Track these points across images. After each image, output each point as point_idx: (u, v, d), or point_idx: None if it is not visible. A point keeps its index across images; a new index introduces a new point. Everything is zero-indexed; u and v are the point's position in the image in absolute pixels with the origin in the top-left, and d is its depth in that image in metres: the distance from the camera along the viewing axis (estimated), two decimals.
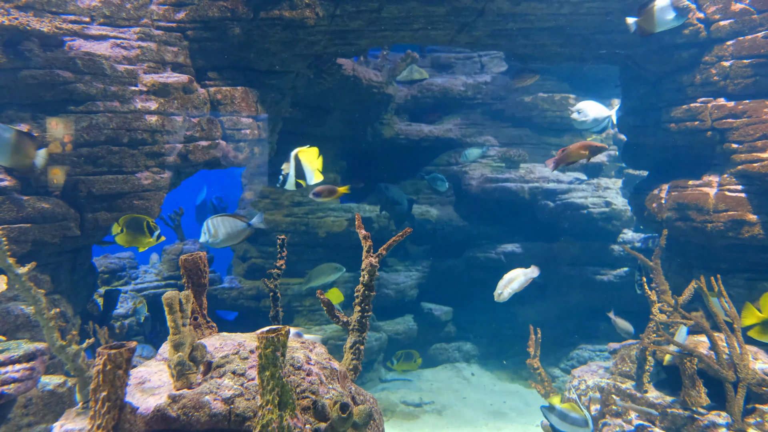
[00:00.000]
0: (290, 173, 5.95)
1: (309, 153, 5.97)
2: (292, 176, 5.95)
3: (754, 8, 7.38)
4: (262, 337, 2.76)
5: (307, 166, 5.96)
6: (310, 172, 5.98)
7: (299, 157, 5.94)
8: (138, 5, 7.10)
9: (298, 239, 11.56)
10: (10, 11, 6.03)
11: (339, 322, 4.40)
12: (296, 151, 5.94)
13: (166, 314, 3.33)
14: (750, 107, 7.42)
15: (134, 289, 10.34)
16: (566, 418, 5.75)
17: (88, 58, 6.47)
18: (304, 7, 7.22)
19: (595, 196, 12.07)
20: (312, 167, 5.98)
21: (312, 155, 5.99)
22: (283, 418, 2.78)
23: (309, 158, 5.97)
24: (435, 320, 12.67)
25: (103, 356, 2.68)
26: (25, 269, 4.49)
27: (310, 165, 5.96)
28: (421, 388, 11.38)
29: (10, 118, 6.16)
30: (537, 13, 7.76)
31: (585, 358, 11.43)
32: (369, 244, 4.34)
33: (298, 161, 5.94)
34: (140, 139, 6.77)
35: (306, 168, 5.95)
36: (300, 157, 5.94)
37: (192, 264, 3.98)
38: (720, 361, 6.05)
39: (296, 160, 5.93)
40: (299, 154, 5.94)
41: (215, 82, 7.71)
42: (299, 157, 5.95)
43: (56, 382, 5.76)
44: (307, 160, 5.96)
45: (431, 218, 12.98)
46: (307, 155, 5.95)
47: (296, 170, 5.96)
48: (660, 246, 7.54)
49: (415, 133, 13.25)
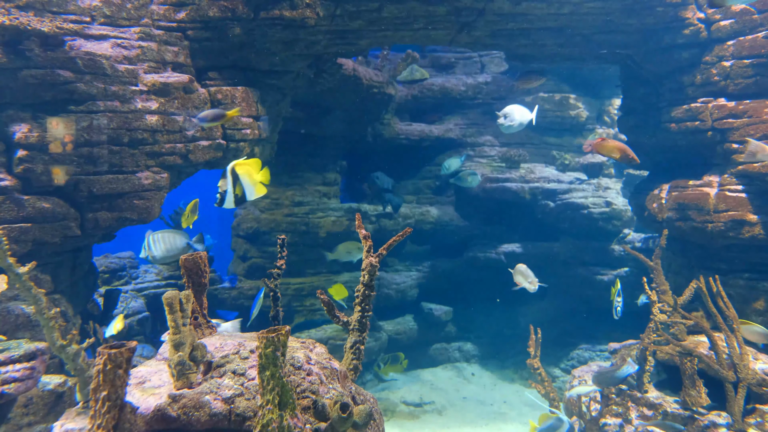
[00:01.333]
0: (228, 190, 5.44)
1: (248, 166, 5.50)
2: (230, 193, 5.45)
3: (755, 8, 7.39)
4: (263, 336, 2.76)
5: (246, 181, 5.48)
6: (250, 187, 5.50)
7: (237, 172, 5.44)
8: (138, 5, 7.10)
9: (299, 239, 11.56)
10: (11, 11, 6.03)
11: (339, 322, 4.40)
12: (233, 164, 5.44)
13: (167, 314, 3.33)
14: (750, 107, 7.42)
15: (134, 288, 10.34)
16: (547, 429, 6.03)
17: (89, 58, 6.47)
18: (304, 7, 7.22)
19: (596, 196, 12.07)
20: (253, 181, 5.50)
21: (252, 168, 5.53)
22: (283, 417, 2.78)
23: (249, 171, 5.49)
24: (435, 320, 12.67)
25: (104, 356, 2.68)
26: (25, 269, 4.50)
27: (250, 179, 5.49)
28: (422, 388, 11.38)
29: (10, 118, 6.16)
30: (537, 13, 7.76)
31: (585, 358, 11.44)
32: (369, 244, 4.34)
33: (236, 176, 5.44)
34: (141, 139, 6.77)
35: (245, 182, 5.47)
36: (238, 172, 5.44)
37: (192, 264, 3.98)
38: (720, 361, 6.05)
39: (233, 175, 5.43)
40: (236, 168, 5.44)
41: (216, 82, 7.71)
42: (237, 171, 5.44)
43: (57, 381, 5.76)
44: (247, 174, 5.48)
45: (431, 218, 12.98)
46: (246, 168, 5.48)
47: (235, 186, 5.46)
48: (660, 246, 7.54)
49: (415, 133, 13.24)
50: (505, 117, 7.67)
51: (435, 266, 13.10)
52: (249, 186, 5.49)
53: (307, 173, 12.31)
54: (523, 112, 7.73)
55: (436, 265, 13.10)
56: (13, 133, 6.11)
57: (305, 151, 12.23)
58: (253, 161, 5.56)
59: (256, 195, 5.60)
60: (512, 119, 7.64)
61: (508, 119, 7.62)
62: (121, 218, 6.76)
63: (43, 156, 6.20)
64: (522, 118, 7.67)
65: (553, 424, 6.03)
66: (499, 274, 12.79)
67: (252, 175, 5.50)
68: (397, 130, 13.03)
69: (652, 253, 7.73)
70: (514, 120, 7.64)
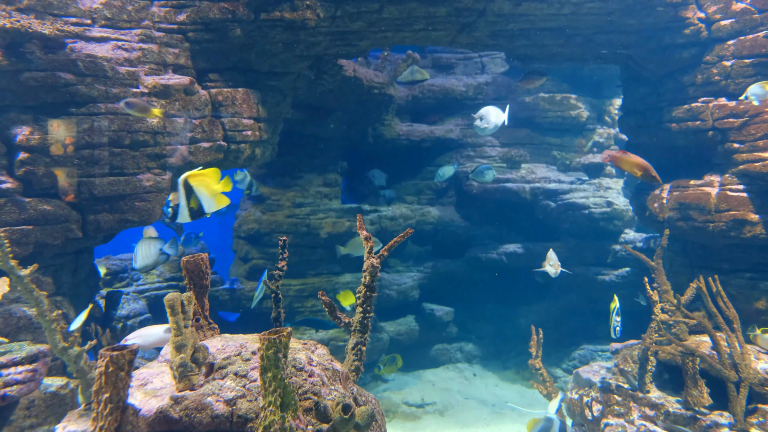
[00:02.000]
0: (181, 203, 4.98)
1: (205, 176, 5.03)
2: (183, 207, 4.97)
3: (755, 8, 7.38)
4: (264, 338, 2.76)
5: (203, 192, 5.00)
6: (208, 199, 5.02)
7: (190, 183, 4.95)
8: (139, 7, 7.11)
9: (300, 240, 11.57)
10: (12, 14, 6.04)
11: (341, 323, 4.40)
12: (185, 176, 4.96)
13: (168, 316, 3.34)
14: (751, 107, 7.41)
15: (136, 290, 10.34)
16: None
17: (90, 60, 6.48)
18: (304, 9, 7.23)
19: (597, 196, 12.06)
20: (211, 192, 5.03)
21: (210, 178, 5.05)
22: (285, 419, 2.78)
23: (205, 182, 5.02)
24: (437, 321, 12.67)
25: (106, 358, 2.68)
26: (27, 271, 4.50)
27: (207, 190, 5.02)
28: (423, 389, 11.38)
29: (12, 121, 6.17)
30: (538, 13, 7.76)
31: (587, 359, 11.43)
32: (370, 245, 4.34)
33: (190, 188, 4.96)
34: (142, 141, 6.78)
35: (202, 194, 4.99)
36: (192, 183, 4.95)
37: (194, 265, 3.99)
38: (722, 361, 6.04)
39: (186, 187, 4.95)
40: (189, 179, 4.95)
41: (216, 84, 7.71)
42: (190, 183, 4.95)
43: (59, 383, 5.76)
44: (203, 185, 5.01)
45: (432, 219, 12.98)
46: (202, 179, 5.00)
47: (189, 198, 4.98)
48: (661, 246, 7.54)
49: (416, 133, 13.25)
50: (481, 119, 7.70)
51: (436, 267, 13.10)
52: (207, 198, 5.03)
53: (308, 174, 12.32)
54: (498, 113, 7.78)
55: (437, 266, 13.10)
56: (15, 136, 6.12)
57: (306, 152, 12.24)
58: (211, 171, 5.10)
59: (217, 207, 5.16)
60: (488, 121, 7.67)
61: (483, 121, 7.64)
62: (122, 220, 6.76)
63: (45, 158, 6.21)
64: (497, 119, 7.72)
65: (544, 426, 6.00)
66: (500, 274, 12.83)
67: (210, 185, 5.05)
68: (398, 130, 13.04)
69: (654, 253, 7.73)
70: (490, 122, 7.68)
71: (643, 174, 6.22)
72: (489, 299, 13.10)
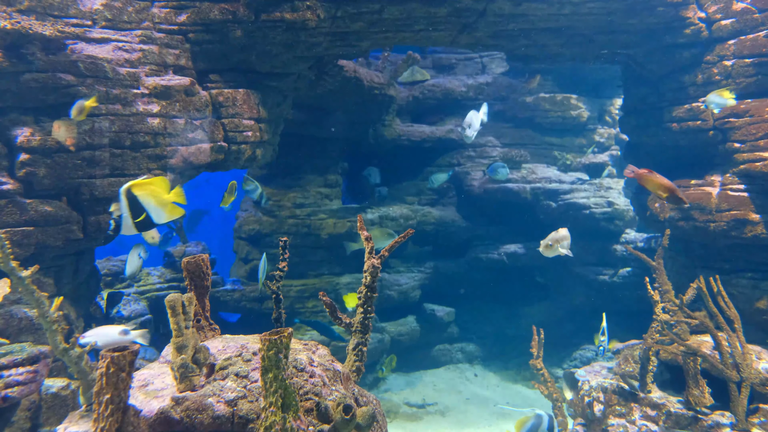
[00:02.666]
0: (124, 214, 4.64)
1: (152, 185, 4.70)
2: (127, 218, 4.65)
3: (756, 7, 7.38)
4: (265, 339, 2.76)
5: (149, 202, 4.68)
6: (157, 209, 4.70)
7: (134, 193, 4.62)
8: (139, 8, 7.12)
9: (300, 241, 11.57)
10: (13, 15, 6.05)
11: (342, 323, 4.39)
12: (128, 185, 4.63)
13: (169, 317, 3.34)
14: (752, 106, 7.41)
15: (137, 291, 10.34)
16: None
17: (90, 61, 6.48)
18: (305, 9, 7.23)
19: (598, 196, 12.06)
20: (160, 202, 4.72)
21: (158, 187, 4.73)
22: (286, 420, 2.78)
23: (153, 191, 4.71)
24: (438, 321, 12.66)
25: (107, 359, 2.68)
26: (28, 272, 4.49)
27: (155, 200, 4.71)
28: (424, 390, 11.37)
29: (12, 122, 6.17)
30: (538, 13, 7.76)
31: (588, 359, 11.41)
32: (371, 245, 4.34)
33: (134, 199, 4.63)
34: (142, 142, 6.78)
35: (149, 204, 4.67)
36: (136, 193, 4.62)
37: (194, 266, 3.99)
38: (724, 361, 6.04)
39: (130, 198, 4.61)
40: (133, 188, 4.61)
41: (217, 85, 7.72)
42: (134, 192, 4.62)
43: (60, 384, 5.76)
44: (150, 194, 4.69)
45: (433, 219, 12.98)
46: (148, 189, 4.67)
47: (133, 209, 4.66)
48: (662, 246, 7.53)
49: (416, 134, 13.25)
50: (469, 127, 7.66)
51: (437, 267, 13.09)
52: (155, 208, 4.73)
53: (308, 175, 12.32)
54: (478, 116, 7.75)
55: (438, 266, 13.10)
56: (16, 137, 6.13)
57: (307, 153, 12.24)
58: (158, 179, 4.85)
59: (168, 217, 4.85)
60: (474, 128, 7.65)
61: (471, 129, 7.62)
62: None
63: (46, 159, 6.21)
64: (478, 122, 7.70)
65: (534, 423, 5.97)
66: (501, 274, 12.82)
67: (158, 195, 4.74)
68: (399, 131, 13.04)
69: (655, 253, 7.72)
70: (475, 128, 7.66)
71: (669, 196, 6.09)
72: (490, 299, 13.09)
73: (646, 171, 6.26)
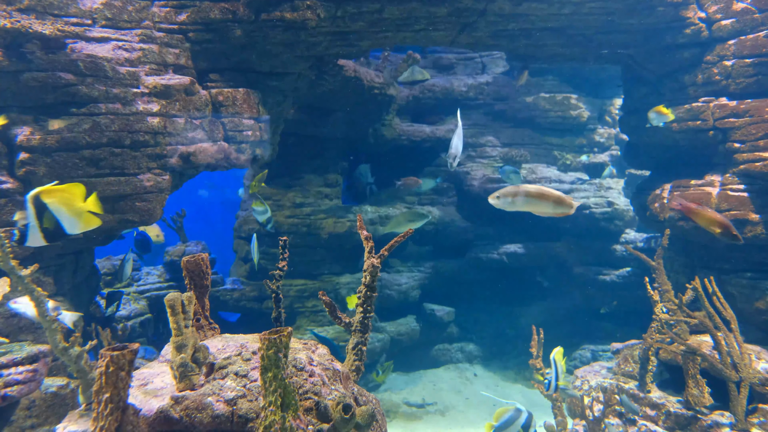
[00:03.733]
0: (31, 223, 4.31)
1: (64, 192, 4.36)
2: (34, 227, 4.31)
3: (756, 7, 7.38)
4: (265, 338, 2.76)
5: (61, 210, 4.34)
6: (69, 218, 4.38)
7: (44, 201, 4.27)
8: (139, 7, 7.11)
9: (300, 240, 11.56)
10: (12, 14, 6.05)
11: (341, 323, 4.39)
12: (36, 191, 4.28)
13: (169, 316, 3.34)
14: (752, 106, 7.41)
15: (137, 290, 10.35)
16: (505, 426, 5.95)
17: (90, 60, 6.48)
18: (305, 9, 7.23)
19: (598, 197, 12.06)
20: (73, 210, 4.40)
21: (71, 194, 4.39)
22: (285, 419, 2.78)
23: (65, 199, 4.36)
24: (437, 321, 12.67)
25: (106, 358, 2.68)
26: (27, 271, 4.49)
27: (67, 208, 4.38)
28: (424, 389, 11.37)
29: (12, 121, 6.17)
30: (538, 13, 7.76)
31: (588, 359, 11.42)
32: (371, 245, 4.34)
33: (42, 206, 4.29)
34: (142, 141, 6.78)
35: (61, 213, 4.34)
36: (45, 200, 4.28)
37: (194, 265, 3.99)
38: (724, 361, 6.04)
39: (38, 205, 4.28)
40: (42, 195, 4.26)
41: (217, 84, 7.71)
42: (43, 199, 4.28)
43: (59, 383, 5.77)
44: (62, 202, 4.34)
45: (433, 219, 12.98)
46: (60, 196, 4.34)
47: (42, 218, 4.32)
48: (662, 246, 7.54)
49: (416, 133, 13.25)
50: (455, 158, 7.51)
51: (437, 267, 13.09)
52: (67, 216, 4.41)
53: (308, 175, 12.32)
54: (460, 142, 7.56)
55: (438, 266, 13.10)
56: (15, 136, 6.12)
57: (307, 153, 12.24)
58: (74, 185, 4.51)
59: (83, 227, 4.53)
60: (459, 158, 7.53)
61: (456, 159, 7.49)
62: (123, 220, 6.77)
63: (45, 158, 6.21)
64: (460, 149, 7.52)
65: (511, 416, 5.95)
66: (501, 274, 12.82)
67: (71, 203, 4.41)
68: (399, 131, 13.04)
69: (654, 252, 7.73)
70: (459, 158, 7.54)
71: (723, 232, 5.81)
72: (490, 299, 13.08)
73: (695, 205, 5.87)
